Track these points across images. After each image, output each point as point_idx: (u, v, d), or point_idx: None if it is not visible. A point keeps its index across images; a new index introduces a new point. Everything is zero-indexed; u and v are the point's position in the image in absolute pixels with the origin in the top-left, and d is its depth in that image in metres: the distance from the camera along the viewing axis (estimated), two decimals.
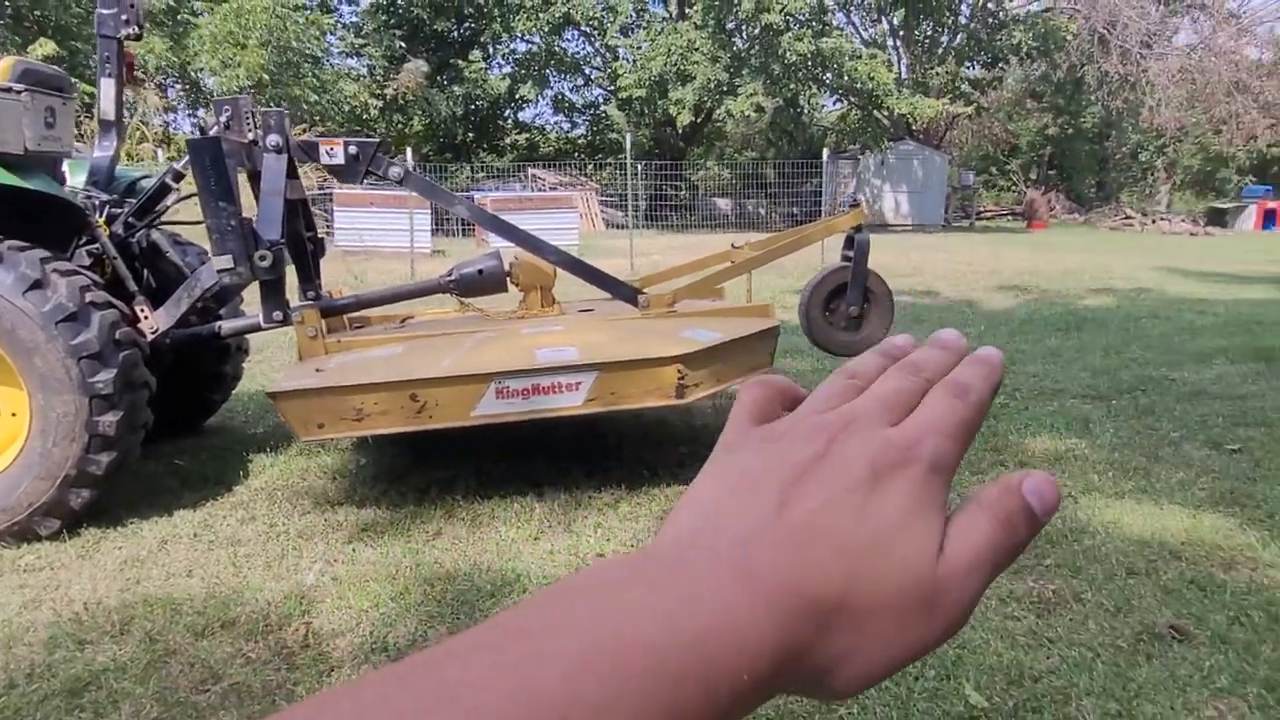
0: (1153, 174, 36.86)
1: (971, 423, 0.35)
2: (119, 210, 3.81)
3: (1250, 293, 10.07)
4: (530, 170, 24.71)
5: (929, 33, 27.61)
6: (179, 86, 21.20)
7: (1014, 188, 36.85)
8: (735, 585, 0.28)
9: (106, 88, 3.89)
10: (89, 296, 3.06)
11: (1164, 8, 29.45)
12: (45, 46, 15.53)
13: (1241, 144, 29.99)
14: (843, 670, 0.30)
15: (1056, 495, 0.33)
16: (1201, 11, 29.95)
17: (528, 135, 33.03)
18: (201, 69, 17.63)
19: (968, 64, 27.71)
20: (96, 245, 3.53)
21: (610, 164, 27.70)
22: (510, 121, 32.29)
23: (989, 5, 26.45)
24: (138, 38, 3.94)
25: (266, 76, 16.87)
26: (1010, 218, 30.98)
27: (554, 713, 0.24)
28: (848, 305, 4.11)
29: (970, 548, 0.32)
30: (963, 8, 27.06)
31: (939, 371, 0.37)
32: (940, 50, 27.42)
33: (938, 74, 26.06)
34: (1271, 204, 28.12)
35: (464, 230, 17.90)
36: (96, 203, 3.73)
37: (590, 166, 28.38)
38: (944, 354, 0.38)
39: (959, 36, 27.16)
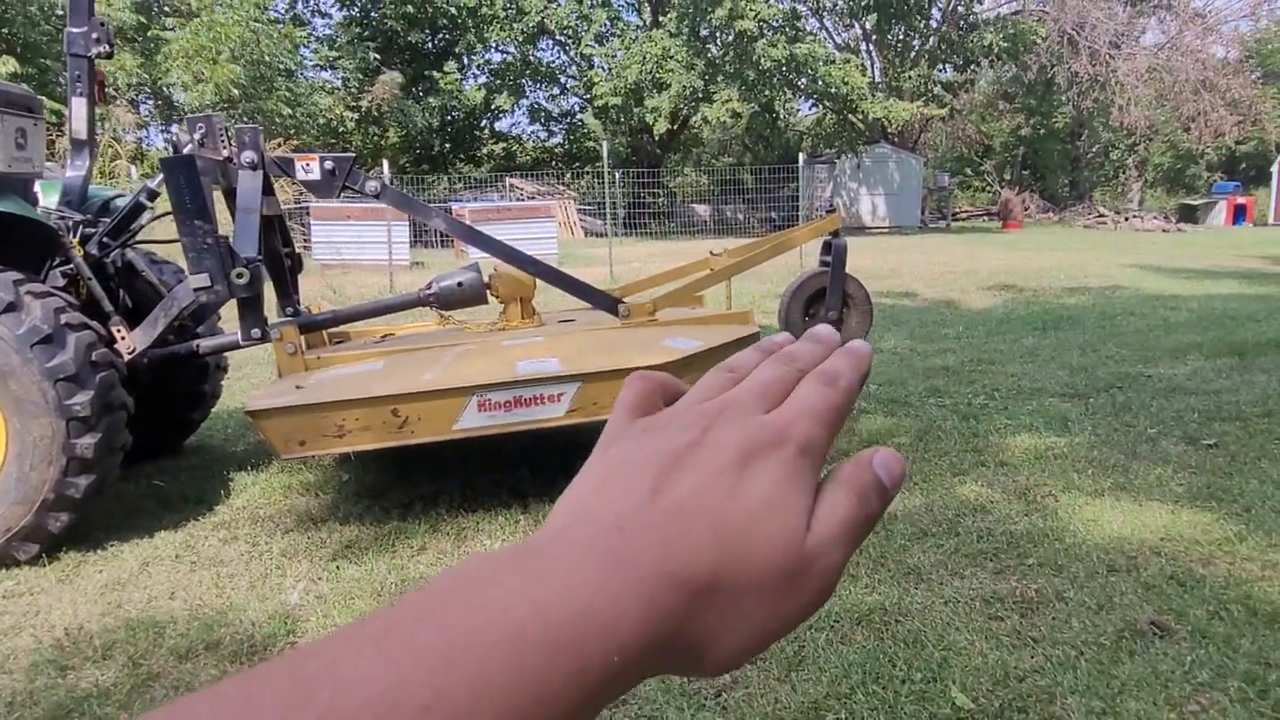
0: (1124, 172, 37.34)
1: (841, 408, 0.36)
2: (93, 230, 3.77)
3: (1222, 288, 10.21)
4: (508, 180, 24.66)
5: (901, 36, 27.86)
6: (152, 103, 21.04)
7: (989, 188, 37.21)
8: (606, 569, 0.29)
9: (78, 107, 3.86)
10: (64, 318, 3.03)
11: (1131, 8, 29.90)
12: (8, 64, 15.35)
13: (1210, 141, 30.42)
14: (717, 647, 0.31)
15: (902, 468, 0.36)
16: (1168, 11, 30.41)
17: (504, 145, 33.02)
18: (173, 84, 17.48)
19: (940, 67, 27.98)
20: (70, 266, 3.50)
21: (588, 172, 27.72)
22: (487, 132, 32.27)
23: (959, 8, 26.74)
24: (108, 56, 3.91)
25: (237, 91, 16.75)
26: (986, 218, 31.28)
27: (418, 705, 0.24)
28: (827, 310, 4.14)
29: (833, 521, 0.33)
30: (934, 11, 27.33)
31: (811, 362, 0.39)
32: (913, 54, 27.67)
33: (910, 77, 26.29)
34: (1241, 199, 28.59)
35: (443, 242, 17.85)
36: (70, 223, 3.69)
37: (568, 175, 28.38)
38: (817, 346, 0.40)
39: (931, 39, 27.43)
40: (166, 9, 20.73)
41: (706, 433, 0.34)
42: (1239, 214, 28.08)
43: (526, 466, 3.94)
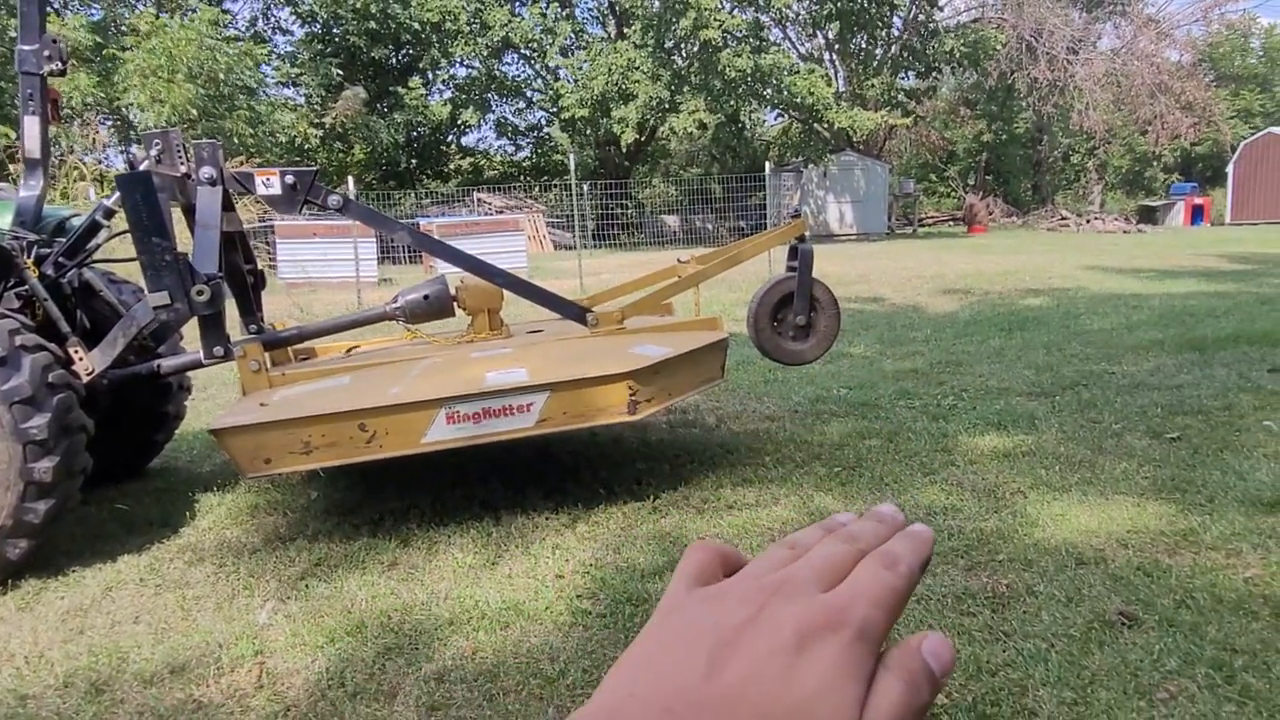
0: (1085, 175, 38.04)
1: (901, 592, 0.36)
2: (48, 250, 3.70)
3: (1181, 286, 10.41)
4: (476, 195, 24.60)
5: (863, 45, 28.20)
6: (109, 123, 20.76)
7: (953, 194, 37.75)
8: None
9: (30, 126, 3.79)
10: (19, 340, 2.97)
11: (1087, 14, 30.50)
12: None
13: (1167, 143, 31.05)
14: None
15: (952, 656, 0.35)
16: (1122, 17, 31.06)
17: (472, 160, 32.94)
18: (130, 105, 17.22)
19: (902, 74, 28.35)
20: (25, 287, 3.43)
21: (556, 185, 27.72)
22: (453, 147, 32.17)
23: (919, 16, 27.13)
24: (62, 74, 3.85)
25: (195, 111, 16.55)
26: (951, 223, 31.69)
27: None
28: (795, 315, 4.16)
29: (884, 711, 0.32)
30: (895, 19, 27.71)
31: (873, 542, 0.39)
32: (875, 62, 28.01)
33: (873, 85, 26.61)
34: (1198, 200, 29.22)
35: (411, 257, 17.76)
36: (24, 244, 3.62)
37: (536, 189, 28.37)
38: (879, 526, 0.40)
39: (893, 47, 27.79)
40: (123, 29, 20.48)
41: (763, 610, 0.34)
42: (1197, 214, 28.71)
43: (497, 478, 3.92)
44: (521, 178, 30.87)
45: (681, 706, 0.30)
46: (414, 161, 30.07)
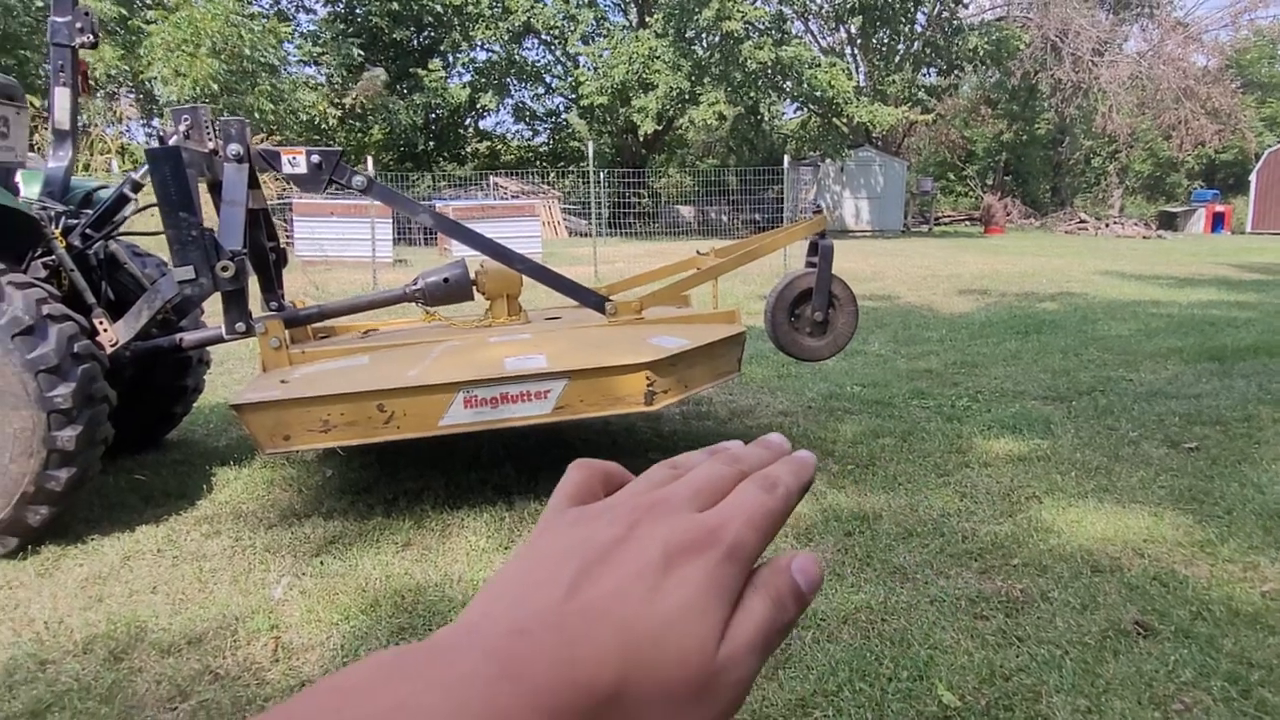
0: (1105, 179, 37.72)
1: (776, 514, 0.35)
2: (75, 221, 3.73)
3: (1201, 294, 10.34)
4: (492, 179, 24.59)
5: (885, 40, 28.00)
6: (133, 96, 20.81)
7: (971, 193, 37.51)
8: (500, 679, 0.27)
9: (60, 97, 3.81)
10: (46, 309, 2.99)
11: (1114, 16, 30.21)
12: None
13: (1190, 149, 30.79)
14: None
15: (820, 573, 0.35)
16: (1150, 20, 30.76)
17: (489, 144, 32.90)
18: (154, 78, 17.24)
19: (924, 71, 28.15)
20: (52, 257, 3.45)
21: (572, 172, 27.68)
22: (471, 130, 32.14)
23: (944, 13, 26.92)
24: (93, 46, 3.87)
25: (216, 85, 16.57)
26: (968, 223, 31.50)
27: None
28: (812, 310, 4.15)
29: (748, 630, 0.32)
30: (919, 15, 27.50)
31: (755, 466, 0.38)
32: (897, 58, 27.82)
33: (894, 81, 26.43)
34: (1220, 208, 28.96)
35: (427, 239, 17.78)
36: (52, 214, 3.64)
37: (552, 175, 28.33)
38: (764, 452, 0.40)
39: (915, 44, 27.59)
40: (148, 1, 20.52)
41: (634, 528, 0.33)
42: (1217, 222, 28.45)
43: (511, 464, 3.93)
44: (538, 163, 30.83)
45: (537, 626, 0.29)
46: (431, 143, 30.04)
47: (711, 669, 0.30)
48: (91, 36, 3.80)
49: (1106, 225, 27.69)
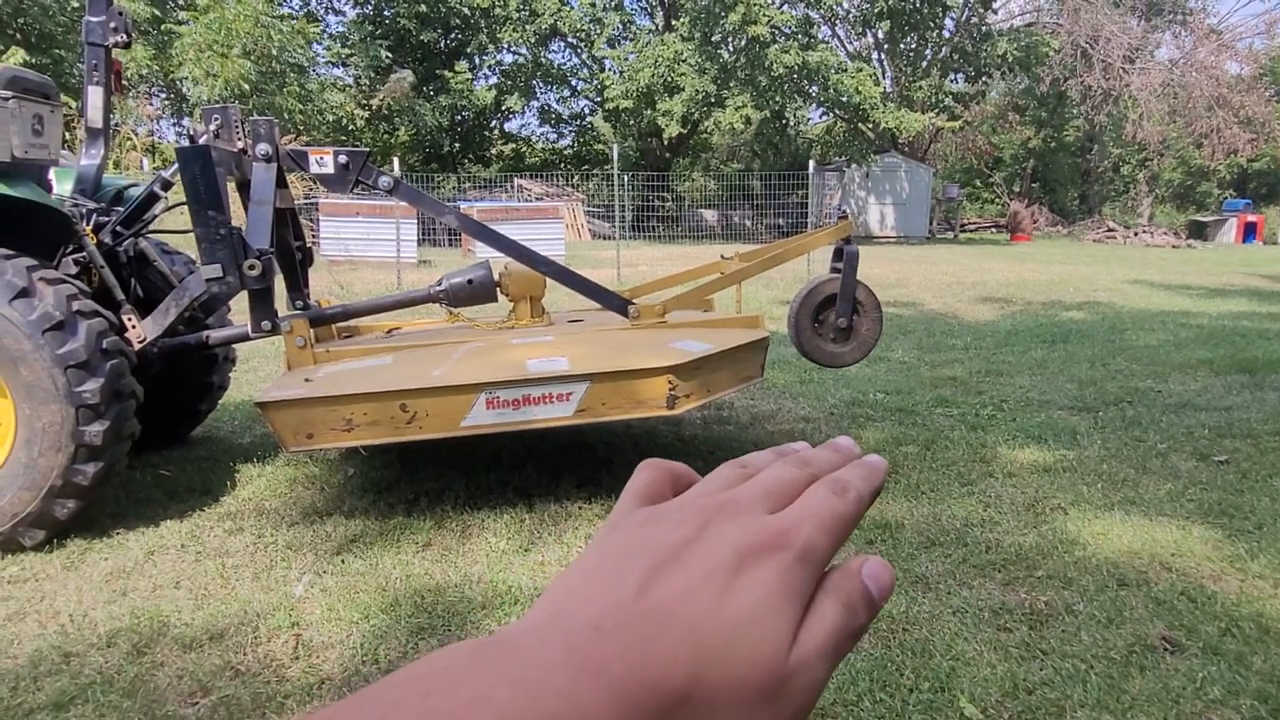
0: (1134, 187, 37.29)
1: (847, 518, 0.35)
2: (106, 219, 3.78)
3: (1232, 305, 10.18)
4: (516, 181, 24.69)
5: (913, 46, 27.84)
6: (163, 96, 21.10)
7: (997, 200, 37.16)
8: (579, 674, 0.28)
9: (94, 96, 3.86)
10: (76, 305, 3.03)
11: (1145, 23, 29.87)
12: (16, 55, 15.39)
13: (1222, 158, 30.36)
14: None
15: (891, 579, 0.34)
16: (1182, 27, 30.38)
17: (514, 146, 33.04)
18: (185, 78, 17.48)
19: (952, 77, 27.95)
20: (83, 254, 3.50)
21: (596, 175, 27.74)
22: (496, 132, 32.30)
23: (973, 19, 26.73)
24: (126, 45, 3.92)
25: (247, 86, 16.77)
26: (994, 230, 31.23)
27: None
28: (837, 316, 4.12)
29: (820, 634, 0.32)
30: (947, 21, 27.31)
31: (825, 469, 0.38)
32: (924, 63, 27.65)
33: (921, 87, 26.26)
34: (1251, 217, 28.51)
35: (451, 240, 17.88)
36: (84, 211, 3.69)
37: (576, 177, 28.40)
38: (834, 455, 0.40)
39: (943, 49, 27.40)
40: (180, 3, 20.80)
41: (704, 529, 0.33)
42: (1249, 232, 28.01)
43: (532, 465, 3.93)
44: (562, 166, 30.92)
45: (610, 624, 0.30)
46: (457, 145, 30.23)
47: (783, 672, 0.30)
48: (125, 36, 3.85)
49: (1135, 234, 27.34)
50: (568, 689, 0.27)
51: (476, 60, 29.17)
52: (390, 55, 25.50)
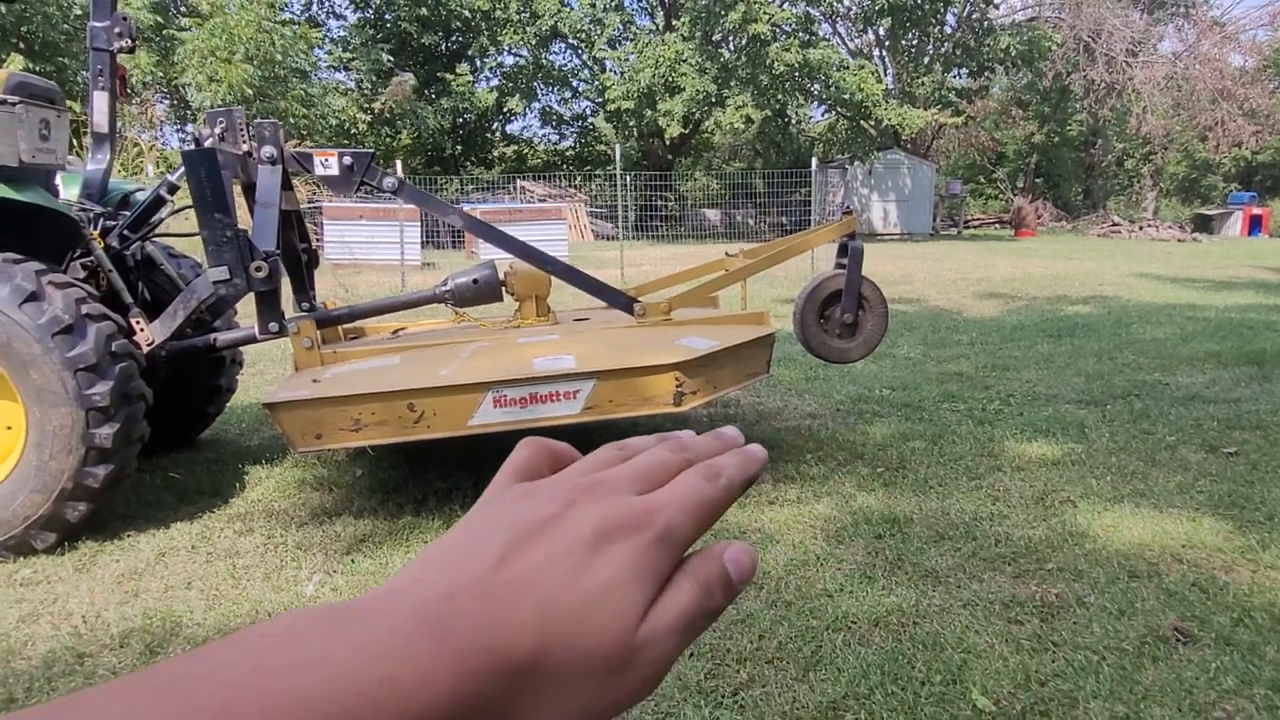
0: (1139, 181, 37.20)
1: (714, 503, 0.36)
2: (113, 223, 3.79)
3: (1238, 297, 10.15)
4: (519, 182, 24.71)
5: (914, 42, 27.80)
6: (167, 102, 21.17)
7: (1001, 196, 37.10)
8: (422, 638, 0.28)
9: (99, 101, 3.87)
10: (85, 309, 3.04)
11: (1148, 16, 29.79)
12: (16, 63, 15.45)
13: (1227, 151, 30.26)
14: None
15: (752, 564, 0.35)
16: (1185, 19, 30.30)
17: (516, 148, 33.07)
18: (188, 84, 17.55)
19: (954, 72, 27.91)
20: (91, 258, 3.51)
21: (598, 176, 27.75)
22: (498, 134, 32.32)
23: (974, 14, 26.69)
24: (130, 50, 3.93)
25: (250, 91, 16.82)
26: (998, 226, 31.17)
27: None
28: (842, 312, 4.12)
29: (671, 611, 0.33)
30: (949, 16, 27.27)
31: (702, 455, 0.38)
32: (926, 59, 27.61)
33: (924, 84, 26.23)
34: (1257, 210, 28.41)
35: (454, 242, 17.89)
36: (91, 215, 3.71)
37: (579, 178, 28.41)
38: (715, 443, 0.40)
39: (945, 45, 27.36)
40: (183, 9, 20.87)
41: (570, 507, 0.34)
42: (1255, 225, 27.90)
43: None
44: (564, 167, 30.93)
45: (462, 594, 0.30)
46: (459, 148, 30.26)
47: (629, 646, 0.31)
48: (129, 41, 3.86)
49: (1140, 228, 27.26)
50: (408, 652, 0.27)
51: (477, 63, 29.21)
52: (392, 59, 25.56)
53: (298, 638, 0.27)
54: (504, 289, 4.04)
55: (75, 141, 4.05)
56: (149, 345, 3.40)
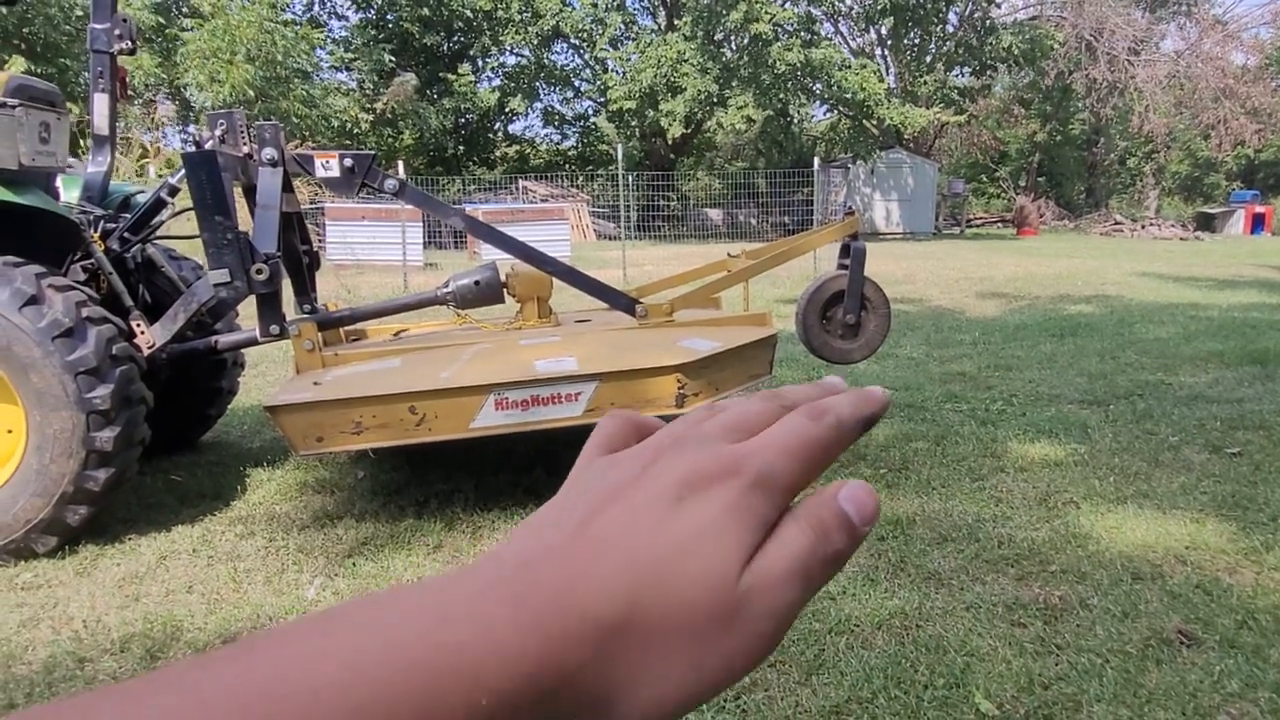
0: (1141, 180, 37.14)
1: (822, 442, 0.33)
2: (114, 225, 3.79)
3: (1241, 296, 10.12)
4: (521, 182, 24.72)
5: (917, 41, 27.77)
6: (170, 103, 21.19)
7: (1003, 195, 37.05)
8: (502, 603, 0.27)
9: (100, 103, 3.87)
10: (85, 312, 3.03)
11: (1150, 14, 29.74)
12: (18, 64, 15.48)
13: (1229, 149, 30.19)
14: (629, 700, 0.28)
15: (874, 503, 0.32)
16: (1187, 18, 30.25)
17: (518, 148, 33.08)
18: (189, 85, 17.57)
19: (956, 71, 27.88)
20: (92, 260, 3.50)
21: (601, 175, 27.75)
22: (500, 134, 32.34)
23: (976, 13, 26.65)
24: (131, 52, 3.92)
25: (252, 92, 16.84)
26: (1000, 225, 31.13)
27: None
28: (844, 313, 4.11)
29: (781, 557, 0.30)
30: (951, 15, 27.24)
31: (801, 400, 0.35)
32: (928, 58, 27.58)
33: (926, 83, 26.20)
34: (1260, 208, 28.35)
35: (456, 243, 17.89)
36: (91, 218, 3.70)
37: (581, 178, 28.42)
38: (814, 389, 0.37)
39: (947, 44, 27.33)
40: (184, 10, 20.88)
41: (654, 463, 0.32)
42: (1258, 223, 27.84)
43: (541, 466, 3.93)
44: (567, 167, 30.94)
45: (540, 560, 0.29)
46: (461, 148, 30.28)
47: (732, 594, 0.29)
48: (130, 43, 3.86)
49: (1143, 227, 27.22)
50: (484, 618, 0.26)
51: (479, 63, 29.24)
52: (393, 59, 25.58)
53: (391, 606, 0.26)
54: (506, 291, 4.04)
55: (83, 142, 4.05)
56: (150, 348, 3.40)
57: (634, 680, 0.28)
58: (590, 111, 31.61)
